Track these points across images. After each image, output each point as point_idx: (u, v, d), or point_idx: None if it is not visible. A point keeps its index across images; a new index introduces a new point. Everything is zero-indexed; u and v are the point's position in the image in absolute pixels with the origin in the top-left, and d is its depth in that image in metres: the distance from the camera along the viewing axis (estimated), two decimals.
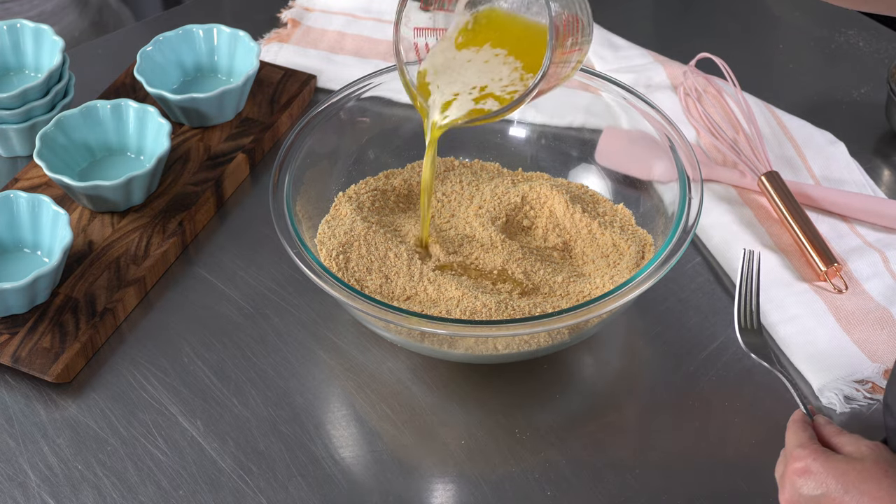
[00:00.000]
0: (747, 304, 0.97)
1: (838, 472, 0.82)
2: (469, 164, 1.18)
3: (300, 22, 1.40)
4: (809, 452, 0.84)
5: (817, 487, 0.82)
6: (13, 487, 0.97)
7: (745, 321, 0.97)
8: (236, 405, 1.02)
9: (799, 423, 0.87)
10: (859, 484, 0.80)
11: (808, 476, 0.83)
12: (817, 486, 0.82)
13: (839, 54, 1.37)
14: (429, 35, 1.04)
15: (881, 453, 0.82)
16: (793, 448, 0.85)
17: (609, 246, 1.07)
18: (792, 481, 0.84)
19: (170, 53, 1.27)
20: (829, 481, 0.82)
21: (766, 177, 1.15)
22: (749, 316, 0.97)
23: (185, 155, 1.21)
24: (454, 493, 0.97)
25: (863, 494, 0.80)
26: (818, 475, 0.82)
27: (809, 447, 0.84)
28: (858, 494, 0.80)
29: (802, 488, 0.83)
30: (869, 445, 0.83)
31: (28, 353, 1.04)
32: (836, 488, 0.81)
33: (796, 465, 0.84)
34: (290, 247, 0.99)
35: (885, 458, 0.82)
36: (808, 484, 0.83)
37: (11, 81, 1.26)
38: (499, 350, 0.99)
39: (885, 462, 0.81)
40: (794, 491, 0.83)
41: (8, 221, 1.10)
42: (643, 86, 1.28)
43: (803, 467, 0.83)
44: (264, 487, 0.96)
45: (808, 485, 0.83)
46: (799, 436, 0.86)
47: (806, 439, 0.85)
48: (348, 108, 1.13)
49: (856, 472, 0.81)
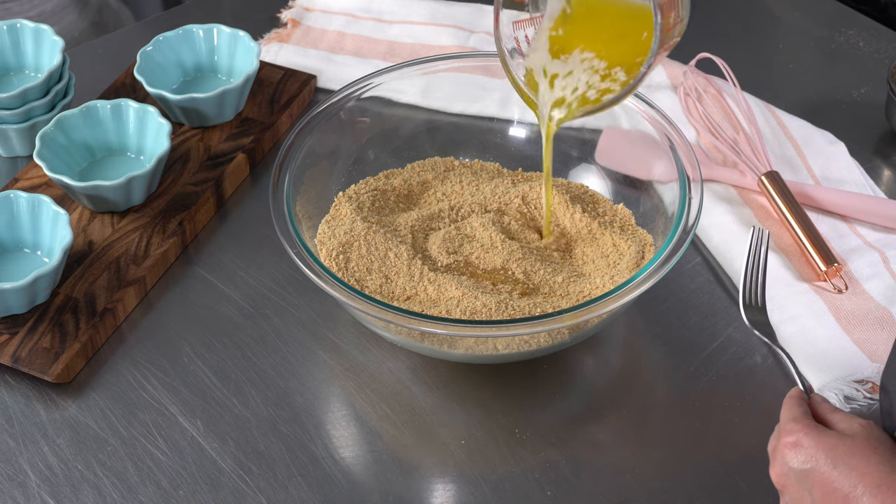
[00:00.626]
0: (753, 281, 0.98)
1: (828, 446, 0.82)
2: (469, 164, 1.18)
3: (300, 22, 1.40)
4: (802, 427, 0.84)
5: (807, 461, 0.82)
6: (13, 487, 0.97)
7: (749, 298, 0.97)
8: (236, 405, 1.02)
9: (794, 399, 0.88)
10: (848, 459, 0.81)
11: (799, 450, 0.83)
12: (807, 460, 0.82)
13: (839, 54, 1.37)
14: (527, 26, 1.02)
15: (872, 431, 0.83)
16: (786, 422, 0.86)
17: (609, 246, 1.07)
18: (783, 454, 0.84)
19: (170, 53, 1.27)
20: (819, 455, 0.82)
21: (766, 177, 1.15)
22: (753, 293, 0.97)
23: (185, 155, 1.21)
24: (454, 493, 0.97)
25: (851, 469, 0.80)
26: (808, 449, 0.83)
27: (802, 422, 0.85)
28: (847, 469, 0.80)
29: (792, 462, 0.83)
30: (861, 423, 0.84)
31: (28, 353, 1.04)
32: (825, 462, 0.81)
33: (788, 439, 0.84)
34: (290, 247, 0.99)
35: (876, 436, 0.82)
36: (797, 457, 0.83)
37: (11, 81, 1.26)
38: (499, 350, 0.99)
39: (876, 439, 0.82)
40: (784, 464, 0.84)
41: (8, 221, 1.11)
42: (643, 86, 1.28)
43: (794, 441, 0.83)
44: (264, 487, 0.97)
45: (798, 458, 0.83)
46: (793, 411, 0.86)
47: (800, 414, 0.86)
48: (348, 108, 1.13)
49: (845, 447, 0.81)
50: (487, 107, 1.23)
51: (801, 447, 0.83)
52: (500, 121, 1.21)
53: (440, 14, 1.39)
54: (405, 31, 1.38)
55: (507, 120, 1.21)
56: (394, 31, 1.38)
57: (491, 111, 1.22)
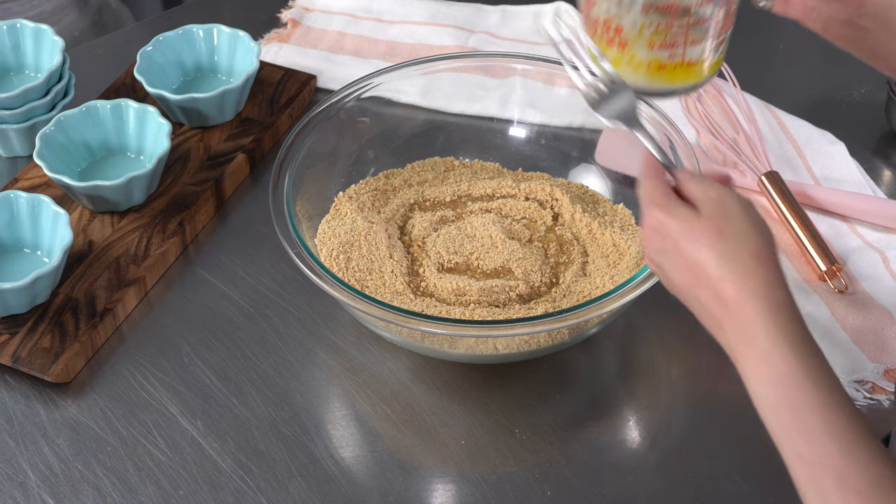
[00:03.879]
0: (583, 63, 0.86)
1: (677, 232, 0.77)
2: (469, 164, 1.18)
3: (300, 22, 1.40)
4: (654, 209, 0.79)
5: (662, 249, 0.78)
6: (13, 487, 0.97)
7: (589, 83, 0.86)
8: (236, 405, 1.02)
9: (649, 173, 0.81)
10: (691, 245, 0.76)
11: (655, 235, 0.79)
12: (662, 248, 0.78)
13: (839, 54, 1.36)
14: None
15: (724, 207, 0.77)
16: (643, 204, 0.80)
17: (609, 246, 1.08)
18: (645, 240, 0.80)
19: (170, 53, 1.27)
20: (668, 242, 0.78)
21: (766, 177, 1.15)
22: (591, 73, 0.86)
23: (185, 155, 1.21)
24: (454, 493, 0.97)
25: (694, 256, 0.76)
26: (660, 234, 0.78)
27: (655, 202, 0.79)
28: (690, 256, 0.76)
29: (649, 247, 0.80)
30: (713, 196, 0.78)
31: (28, 353, 1.04)
32: (674, 250, 0.77)
33: (645, 223, 0.80)
34: (290, 247, 0.99)
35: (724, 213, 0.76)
36: (653, 243, 0.79)
37: (11, 81, 1.26)
38: (499, 350, 0.99)
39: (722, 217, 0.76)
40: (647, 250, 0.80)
41: (8, 221, 1.11)
42: None
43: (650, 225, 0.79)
44: (264, 487, 0.97)
45: (654, 244, 0.79)
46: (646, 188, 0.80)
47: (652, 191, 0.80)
48: (348, 108, 1.13)
49: (690, 233, 0.76)
50: (487, 107, 1.23)
51: (657, 233, 0.78)
52: (500, 121, 1.21)
53: (440, 14, 1.39)
54: (405, 31, 1.38)
55: (507, 120, 1.21)
56: (394, 31, 1.38)
57: (491, 111, 1.22)
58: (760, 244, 0.76)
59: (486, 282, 1.05)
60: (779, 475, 0.84)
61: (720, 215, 0.77)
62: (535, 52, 1.23)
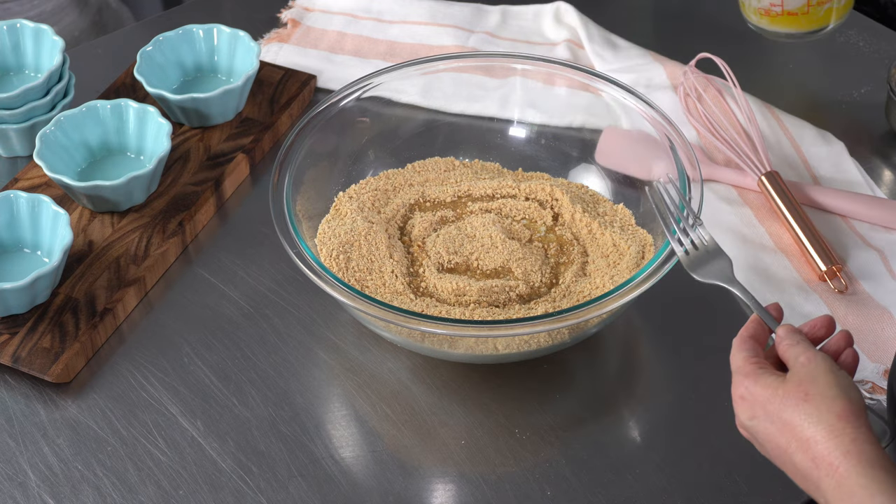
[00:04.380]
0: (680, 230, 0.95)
1: (764, 399, 0.80)
2: (469, 164, 1.18)
3: (300, 22, 1.40)
4: (742, 378, 0.82)
5: (752, 416, 0.81)
6: (13, 487, 0.97)
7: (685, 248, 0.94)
8: (236, 405, 1.02)
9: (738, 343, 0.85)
10: (781, 412, 0.79)
11: (744, 403, 0.81)
12: (752, 415, 0.81)
13: (839, 54, 1.37)
14: None
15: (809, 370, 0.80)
16: (734, 373, 0.83)
17: (609, 246, 1.07)
18: (735, 408, 0.82)
19: (170, 53, 1.27)
20: (757, 409, 0.80)
21: (766, 177, 1.15)
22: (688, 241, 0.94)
23: (185, 155, 1.21)
24: (454, 493, 0.97)
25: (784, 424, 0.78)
26: (749, 402, 0.81)
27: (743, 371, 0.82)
28: (781, 424, 0.79)
29: (741, 416, 0.82)
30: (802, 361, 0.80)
31: (28, 353, 1.04)
32: (764, 418, 0.80)
33: (735, 392, 0.82)
34: (290, 247, 0.99)
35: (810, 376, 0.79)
36: (744, 412, 0.81)
37: (11, 81, 1.26)
38: (499, 350, 0.99)
39: (808, 381, 0.79)
40: (738, 418, 0.82)
41: (8, 221, 1.11)
42: (643, 86, 1.28)
43: (740, 394, 0.82)
44: (264, 487, 0.97)
45: (745, 412, 0.81)
46: (735, 357, 0.84)
47: (741, 361, 0.83)
48: (348, 108, 1.13)
49: (778, 399, 0.79)
50: (487, 107, 1.23)
51: (745, 401, 0.81)
52: (500, 121, 1.21)
53: (440, 14, 1.39)
54: (405, 31, 1.38)
55: (507, 120, 1.21)
56: (394, 31, 1.38)
57: (491, 111, 1.22)
58: (844, 405, 0.78)
59: (486, 282, 1.05)
60: (779, 475, 0.84)
61: (807, 379, 0.79)
62: (535, 52, 1.23)
